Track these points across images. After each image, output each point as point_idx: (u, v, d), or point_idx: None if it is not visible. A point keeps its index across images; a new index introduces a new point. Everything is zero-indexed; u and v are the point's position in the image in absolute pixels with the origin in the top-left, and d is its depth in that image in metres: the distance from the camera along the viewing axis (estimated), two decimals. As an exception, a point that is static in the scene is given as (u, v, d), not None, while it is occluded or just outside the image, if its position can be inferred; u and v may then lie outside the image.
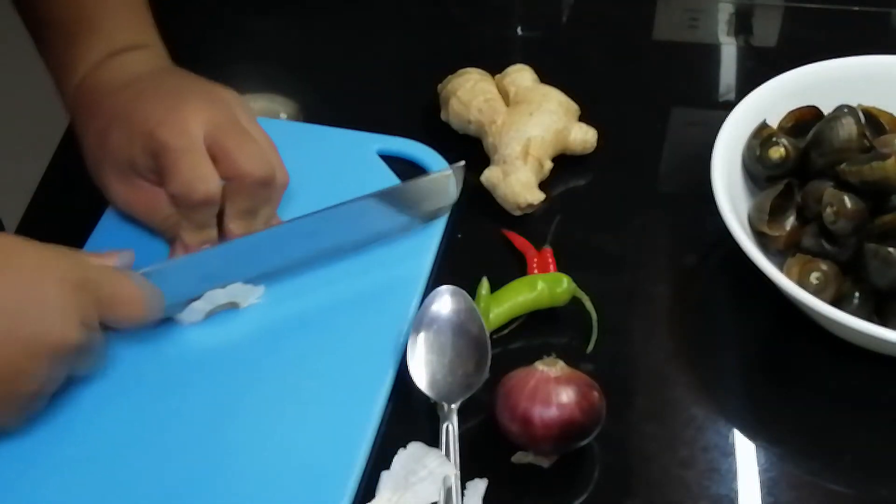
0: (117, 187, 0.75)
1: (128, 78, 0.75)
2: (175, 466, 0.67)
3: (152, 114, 0.71)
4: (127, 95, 0.74)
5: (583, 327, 0.75)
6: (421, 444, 0.67)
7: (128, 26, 0.79)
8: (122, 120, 0.72)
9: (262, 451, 0.67)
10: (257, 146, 0.73)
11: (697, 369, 0.74)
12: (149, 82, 0.75)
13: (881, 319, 0.71)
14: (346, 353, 0.72)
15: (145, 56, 0.77)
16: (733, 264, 0.76)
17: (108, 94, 0.74)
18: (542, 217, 0.83)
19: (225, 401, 0.70)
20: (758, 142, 0.78)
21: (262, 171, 0.72)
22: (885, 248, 0.71)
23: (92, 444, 0.68)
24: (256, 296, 0.75)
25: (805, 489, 0.68)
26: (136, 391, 0.70)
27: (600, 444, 0.69)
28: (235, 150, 0.71)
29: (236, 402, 0.70)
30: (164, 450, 0.67)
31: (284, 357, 0.72)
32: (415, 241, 0.79)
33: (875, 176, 0.72)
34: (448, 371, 0.70)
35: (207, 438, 0.68)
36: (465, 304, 0.72)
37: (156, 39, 0.80)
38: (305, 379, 0.71)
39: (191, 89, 0.74)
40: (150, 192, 0.73)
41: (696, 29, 1.01)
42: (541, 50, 0.98)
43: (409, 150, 0.85)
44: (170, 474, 0.66)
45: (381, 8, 1.02)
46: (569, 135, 0.85)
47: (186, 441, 0.68)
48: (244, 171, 0.71)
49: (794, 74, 0.82)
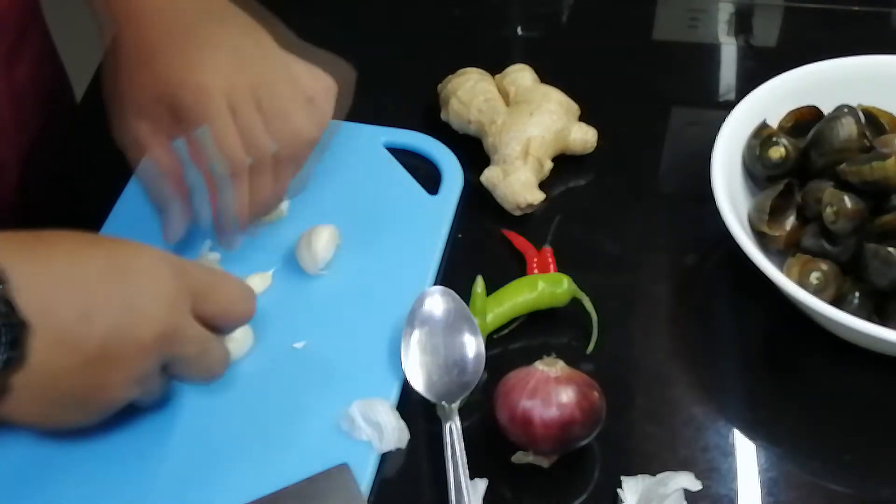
0: (130, 122, 0.73)
1: (161, 6, 0.72)
2: (171, 467, 0.67)
3: (176, 70, 0.69)
4: (157, 30, 0.71)
5: (583, 327, 0.75)
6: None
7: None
8: (146, 61, 0.70)
9: (262, 450, 0.68)
10: (275, 112, 0.70)
11: (697, 369, 0.74)
12: (177, 19, 0.71)
13: (881, 319, 0.71)
14: (348, 354, 0.72)
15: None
16: (733, 264, 0.76)
17: (142, 22, 0.71)
18: (542, 217, 0.83)
19: (225, 400, 0.70)
20: (758, 142, 0.78)
21: (282, 148, 0.70)
22: (885, 248, 0.71)
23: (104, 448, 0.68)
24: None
25: (805, 489, 0.68)
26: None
27: (600, 444, 0.69)
28: (252, 123, 0.69)
29: (237, 402, 0.70)
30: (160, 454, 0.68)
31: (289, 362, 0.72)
32: (418, 244, 0.79)
33: (875, 176, 0.72)
34: (444, 371, 0.70)
35: (208, 437, 0.68)
36: (455, 304, 0.71)
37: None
38: (307, 382, 0.71)
39: (219, 41, 0.71)
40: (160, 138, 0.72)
41: (696, 29, 1.01)
42: (541, 50, 0.98)
43: (415, 143, 0.86)
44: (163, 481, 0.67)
45: (381, 8, 1.02)
46: (569, 135, 0.85)
47: (185, 442, 0.68)
48: (261, 149, 0.70)
49: (794, 74, 0.82)
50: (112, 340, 0.59)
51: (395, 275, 0.77)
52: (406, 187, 0.83)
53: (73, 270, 0.59)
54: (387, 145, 0.86)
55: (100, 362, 0.59)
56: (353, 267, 0.77)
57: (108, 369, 0.59)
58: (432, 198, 0.82)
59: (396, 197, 0.82)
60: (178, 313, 0.62)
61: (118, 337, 0.59)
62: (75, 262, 0.59)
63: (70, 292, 0.58)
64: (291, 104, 0.71)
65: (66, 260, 0.59)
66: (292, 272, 0.77)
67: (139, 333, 0.59)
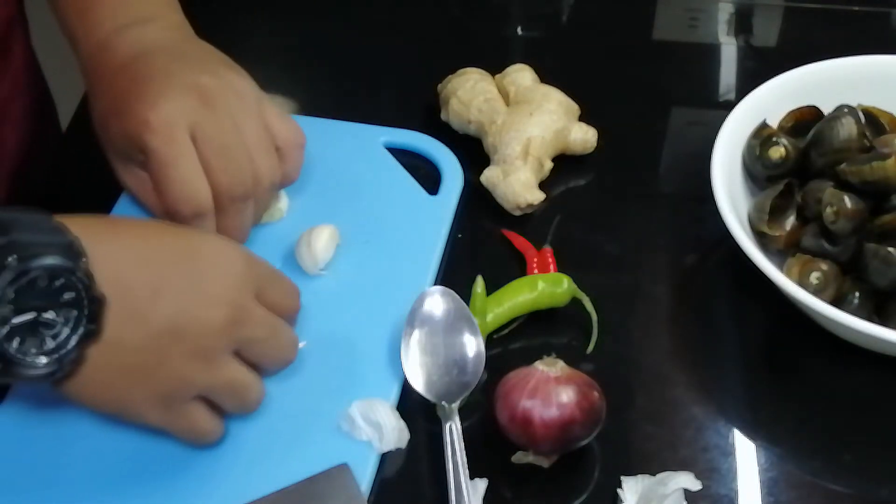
0: (121, 170, 0.75)
1: (130, 55, 0.73)
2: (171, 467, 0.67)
3: (140, 110, 0.69)
4: (125, 78, 0.72)
5: (583, 327, 0.75)
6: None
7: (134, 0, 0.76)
8: (117, 111, 0.71)
9: (263, 450, 0.68)
10: (239, 153, 0.71)
11: (697, 369, 0.74)
12: (144, 63, 0.72)
13: (881, 319, 0.71)
14: (348, 354, 0.72)
15: (152, 30, 0.75)
16: (733, 264, 0.76)
17: (112, 72, 0.73)
18: (542, 217, 0.83)
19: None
20: (758, 142, 0.78)
21: (239, 191, 0.71)
22: (885, 248, 0.71)
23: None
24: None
25: (805, 489, 0.68)
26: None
27: (600, 444, 0.69)
28: (214, 163, 0.70)
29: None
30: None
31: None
32: (418, 244, 0.79)
33: (875, 176, 0.72)
34: (444, 371, 0.70)
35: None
36: (455, 304, 0.71)
37: (166, 11, 0.77)
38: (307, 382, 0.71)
39: (181, 78, 0.71)
40: (149, 182, 0.73)
41: (696, 29, 1.01)
42: (541, 50, 0.98)
43: (415, 143, 0.86)
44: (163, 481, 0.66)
45: (380, 8, 1.02)
46: (569, 135, 0.85)
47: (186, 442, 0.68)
48: (222, 188, 0.70)
49: (794, 74, 0.82)
50: (181, 316, 0.61)
51: (395, 275, 0.77)
52: (406, 187, 0.83)
53: (146, 250, 0.62)
54: (387, 145, 0.86)
55: (167, 337, 0.60)
56: (353, 267, 0.77)
57: (174, 343, 0.60)
58: (432, 198, 0.82)
59: (396, 197, 0.82)
60: (245, 296, 0.64)
61: (187, 314, 0.61)
62: (148, 243, 0.62)
63: (143, 270, 0.60)
64: (257, 147, 0.72)
65: (138, 240, 0.62)
66: (292, 272, 0.76)
67: (207, 313, 0.61)
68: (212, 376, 0.63)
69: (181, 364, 0.61)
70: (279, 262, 0.77)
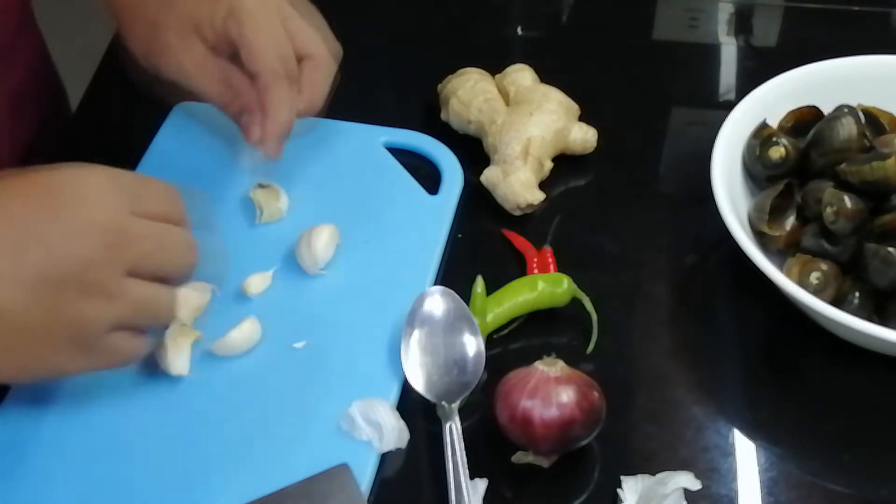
0: (178, 50, 0.74)
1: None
2: (171, 467, 0.67)
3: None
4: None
5: (583, 327, 0.75)
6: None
7: None
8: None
9: (263, 450, 0.68)
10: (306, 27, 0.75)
11: (697, 369, 0.74)
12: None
13: (881, 319, 0.71)
14: (348, 354, 0.72)
15: None
16: (733, 264, 0.76)
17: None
18: (542, 217, 0.83)
19: (225, 400, 0.70)
20: (758, 142, 0.78)
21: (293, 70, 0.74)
22: (885, 248, 0.71)
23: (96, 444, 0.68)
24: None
25: (805, 489, 0.68)
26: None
27: (600, 444, 0.69)
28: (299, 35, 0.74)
29: (237, 402, 0.70)
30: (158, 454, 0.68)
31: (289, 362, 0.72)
32: (418, 244, 0.79)
33: (875, 176, 0.72)
34: (444, 371, 0.70)
35: (208, 437, 0.68)
36: (455, 304, 0.71)
37: None
38: (307, 382, 0.71)
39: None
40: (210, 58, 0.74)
41: (696, 29, 1.01)
42: (541, 50, 0.98)
43: (415, 143, 0.86)
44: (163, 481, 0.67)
45: (380, 8, 1.02)
46: (569, 135, 0.85)
47: (186, 442, 0.68)
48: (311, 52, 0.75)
49: (794, 74, 0.82)
50: (52, 262, 0.58)
51: (394, 275, 0.77)
52: (406, 187, 0.83)
53: (2, 211, 0.58)
54: (387, 145, 0.86)
55: (47, 287, 0.58)
56: (353, 267, 0.77)
57: (59, 290, 0.58)
58: (432, 198, 0.82)
59: (396, 197, 0.82)
60: (118, 215, 0.60)
61: (57, 256, 0.58)
62: (5, 203, 0.59)
63: (2, 231, 0.58)
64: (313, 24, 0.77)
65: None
66: (292, 272, 0.77)
67: (80, 246, 0.58)
68: (113, 307, 0.60)
69: (76, 307, 0.59)
70: (279, 261, 0.77)
